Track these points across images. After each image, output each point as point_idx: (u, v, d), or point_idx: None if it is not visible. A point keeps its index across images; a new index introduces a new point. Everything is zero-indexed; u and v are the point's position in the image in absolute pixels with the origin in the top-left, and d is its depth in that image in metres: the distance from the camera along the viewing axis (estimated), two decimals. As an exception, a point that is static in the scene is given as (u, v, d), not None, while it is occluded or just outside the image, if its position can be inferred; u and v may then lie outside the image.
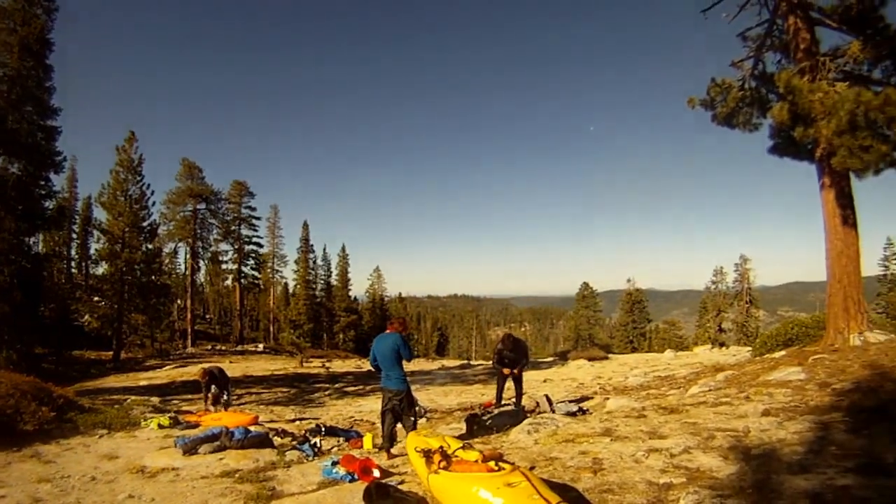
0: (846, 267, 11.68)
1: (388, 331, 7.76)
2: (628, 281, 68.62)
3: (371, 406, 14.85)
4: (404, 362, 7.69)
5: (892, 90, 9.72)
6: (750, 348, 21.06)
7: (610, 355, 36.98)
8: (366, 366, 32.02)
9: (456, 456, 4.97)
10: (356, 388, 20.47)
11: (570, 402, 11.40)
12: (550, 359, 37.17)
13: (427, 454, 4.97)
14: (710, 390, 10.05)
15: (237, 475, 6.47)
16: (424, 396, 13.14)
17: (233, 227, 55.96)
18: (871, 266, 52.33)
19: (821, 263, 12.31)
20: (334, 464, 6.28)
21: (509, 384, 11.69)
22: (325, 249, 68.55)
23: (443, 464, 4.74)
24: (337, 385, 21.52)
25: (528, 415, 9.76)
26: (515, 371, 11.36)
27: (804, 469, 4.84)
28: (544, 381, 20.30)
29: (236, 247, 56.37)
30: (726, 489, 4.52)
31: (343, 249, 69.92)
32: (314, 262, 64.71)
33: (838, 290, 11.69)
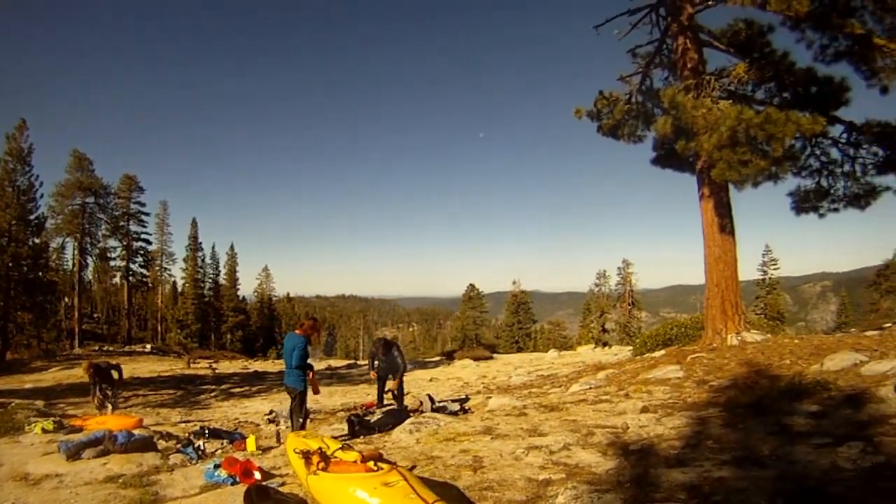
0: (724, 272, 12.39)
1: (297, 332, 8.29)
2: (514, 283, 70.76)
3: (256, 407, 14.73)
4: (310, 361, 8.25)
5: (773, 109, 10.38)
6: (631, 348, 22.02)
7: (495, 355, 37.87)
8: (252, 366, 32.54)
9: (335, 457, 5.01)
10: (242, 389, 20.31)
11: (453, 401, 11.41)
12: (437, 358, 37.51)
13: (306, 455, 4.99)
14: (590, 388, 10.32)
15: (120, 480, 6.30)
16: (308, 397, 12.93)
17: (121, 223, 53.89)
18: (751, 271, 57.02)
19: (702, 268, 13.01)
20: (216, 467, 6.21)
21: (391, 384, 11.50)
22: (213, 248, 67.09)
23: (321, 465, 4.76)
24: (223, 386, 21.25)
25: (411, 414, 9.73)
26: (393, 385, 11.16)
27: (681, 463, 4.97)
28: (430, 380, 20.55)
29: (125, 243, 54.39)
30: (604, 484, 4.58)
31: (232, 248, 68.59)
32: (203, 261, 63.55)
33: (716, 293, 12.40)
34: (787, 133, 10.20)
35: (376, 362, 11.37)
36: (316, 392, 8.74)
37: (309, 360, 8.51)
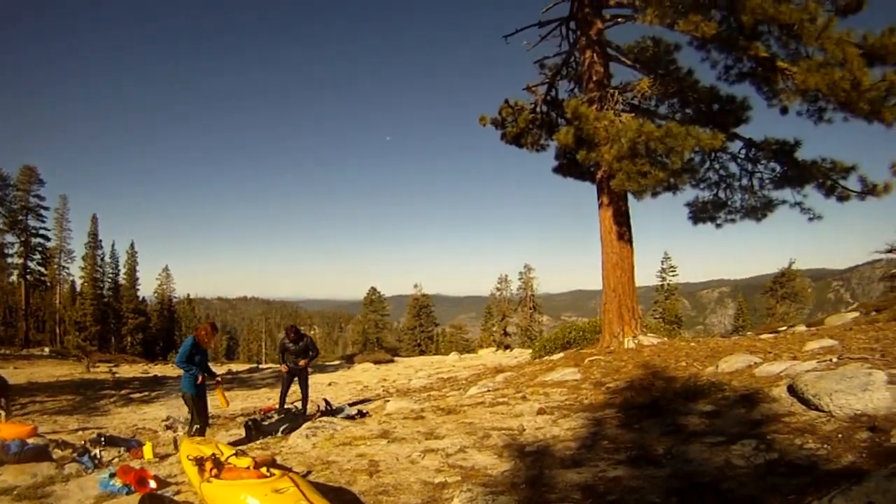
0: (621, 278, 12.79)
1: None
2: (415, 286, 71.29)
3: (155, 413, 14.57)
4: (212, 364, 8.65)
5: (674, 124, 10.79)
6: (531, 350, 22.40)
7: (396, 358, 38.28)
8: (152, 370, 32.12)
9: (228, 463, 5.03)
10: (142, 394, 19.72)
11: (351, 404, 11.41)
12: (337, 362, 37.69)
13: (199, 462, 4.96)
14: (488, 391, 10.36)
15: (14, 492, 6.13)
16: (209, 401, 12.83)
17: (20, 217, 51.10)
18: (651, 277, 59.71)
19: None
20: (112, 476, 6.08)
21: (294, 387, 11.50)
22: (113, 246, 64.69)
23: (214, 472, 4.75)
24: (123, 391, 20.54)
25: (310, 419, 9.61)
26: (302, 363, 11.18)
27: (577, 463, 5.00)
28: (329, 384, 20.45)
29: (23, 239, 51.66)
30: (500, 486, 4.57)
31: (132, 246, 66.76)
32: (102, 259, 61.44)
33: (613, 299, 12.78)
34: (687, 147, 10.60)
35: (289, 351, 11.26)
36: (223, 405, 8.99)
37: (210, 366, 8.86)
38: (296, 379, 11.36)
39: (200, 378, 8.37)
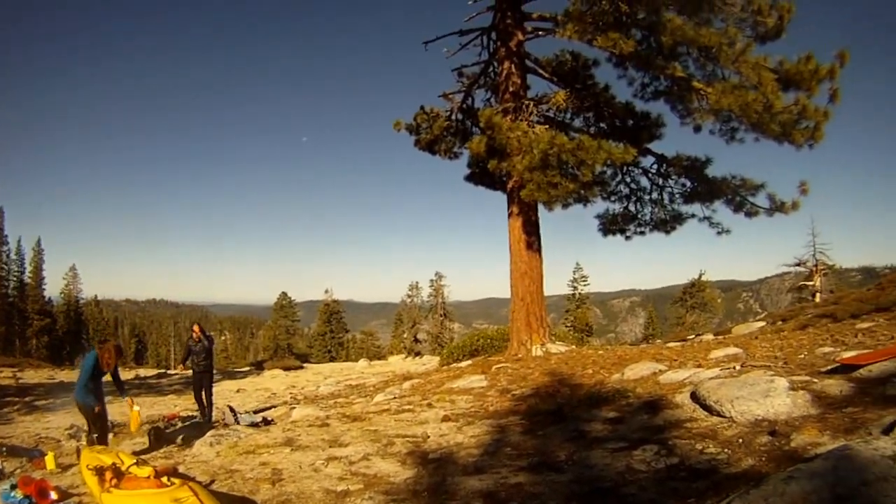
0: (529, 287, 12.97)
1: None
2: (326, 292, 70.03)
3: (59, 422, 13.69)
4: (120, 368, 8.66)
5: (586, 137, 11.10)
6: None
7: (306, 364, 37.91)
8: (58, 376, 30.51)
9: (129, 472, 5.01)
10: (47, 401, 18.38)
11: (256, 412, 11.24)
12: (246, 368, 36.89)
13: (100, 472, 4.93)
14: (394, 398, 10.29)
15: None
16: (116, 409, 11.86)
17: None
18: (562, 286, 60.82)
19: (513, 282, 13.34)
20: (13, 487, 5.99)
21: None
22: (19, 242, 60.05)
23: (114, 481, 4.74)
24: (26, 398, 19.20)
25: (214, 426, 9.54)
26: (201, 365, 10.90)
27: (479, 470, 5.01)
28: (238, 390, 19.85)
29: None
30: (402, 493, 4.61)
31: (38, 243, 61.70)
32: (8, 257, 56.99)
33: (521, 307, 12.93)
34: (598, 160, 10.85)
35: (190, 358, 10.99)
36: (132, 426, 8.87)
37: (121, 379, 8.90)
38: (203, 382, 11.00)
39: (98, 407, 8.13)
